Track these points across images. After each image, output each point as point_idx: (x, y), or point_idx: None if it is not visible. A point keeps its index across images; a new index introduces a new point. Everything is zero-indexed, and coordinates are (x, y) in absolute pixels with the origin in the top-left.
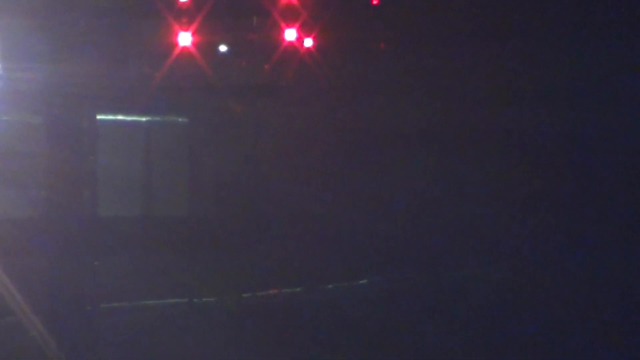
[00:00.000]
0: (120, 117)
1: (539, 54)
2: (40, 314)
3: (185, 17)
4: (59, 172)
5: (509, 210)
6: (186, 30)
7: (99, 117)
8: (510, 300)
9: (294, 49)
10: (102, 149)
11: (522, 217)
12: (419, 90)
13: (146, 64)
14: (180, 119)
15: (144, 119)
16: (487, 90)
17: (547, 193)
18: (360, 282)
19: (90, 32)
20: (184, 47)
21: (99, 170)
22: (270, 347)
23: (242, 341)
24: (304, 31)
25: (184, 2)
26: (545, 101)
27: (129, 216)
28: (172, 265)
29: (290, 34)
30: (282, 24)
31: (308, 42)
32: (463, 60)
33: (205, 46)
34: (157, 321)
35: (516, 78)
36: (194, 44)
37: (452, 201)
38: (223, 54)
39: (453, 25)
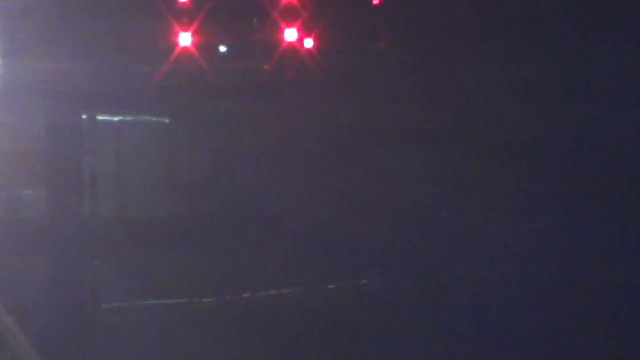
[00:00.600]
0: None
1: (540, 53)
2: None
3: (185, 17)
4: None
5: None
6: (186, 30)
7: (98, 117)
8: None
9: (294, 49)
10: (102, 149)
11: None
12: (419, 90)
13: (146, 64)
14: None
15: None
16: (489, 91)
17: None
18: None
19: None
20: (184, 47)
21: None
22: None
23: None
24: (304, 31)
25: (184, 2)
26: (543, 100)
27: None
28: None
29: (290, 34)
30: (282, 24)
31: (308, 42)
32: (464, 59)
33: (206, 46)
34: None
35: (516, 77)
36: (193, 44)
37: (443, 203)
38: (223, 54)
39: (454, 25)
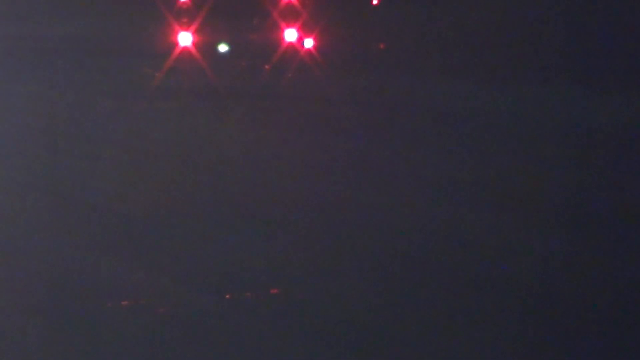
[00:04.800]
0: None
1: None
2: None
3: (185, 17)
4: None
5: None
6: (186, 30)
7: None
8: None
9: (294, 49)
10: None
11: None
12: (418, 89)
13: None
14: None
15: None
16: (487, 92)
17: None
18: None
19: None
20: (185, 47)
21: None
22: None
23: None
24: (304, 31)
25: (184, 2)
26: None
27: None
28: None
29: (290, 34)
30: (282, 24)
31: (308, 42)
32: (464, 59)
33: (206, 46)
34: None
35: (516, 80)
36: (194, 43)
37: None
38: (223, 54)
39: (454, 25)
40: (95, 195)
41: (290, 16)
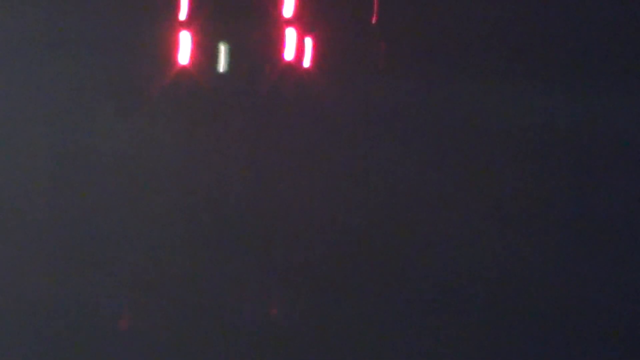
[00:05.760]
0: None
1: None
2: None
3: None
4: None
5: None
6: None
7: None
8: None
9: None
10: None
11: None
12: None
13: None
14: None
15: None
16: (492, 101)
17: None
18: None
19: None
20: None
21: None
22: None
23: None
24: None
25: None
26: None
27: None
28: None
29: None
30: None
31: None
32: (466, 62)
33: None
34: None
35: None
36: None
37: None
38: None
39: (454, 41)
40: (94, 195)
41: (290, 16)
